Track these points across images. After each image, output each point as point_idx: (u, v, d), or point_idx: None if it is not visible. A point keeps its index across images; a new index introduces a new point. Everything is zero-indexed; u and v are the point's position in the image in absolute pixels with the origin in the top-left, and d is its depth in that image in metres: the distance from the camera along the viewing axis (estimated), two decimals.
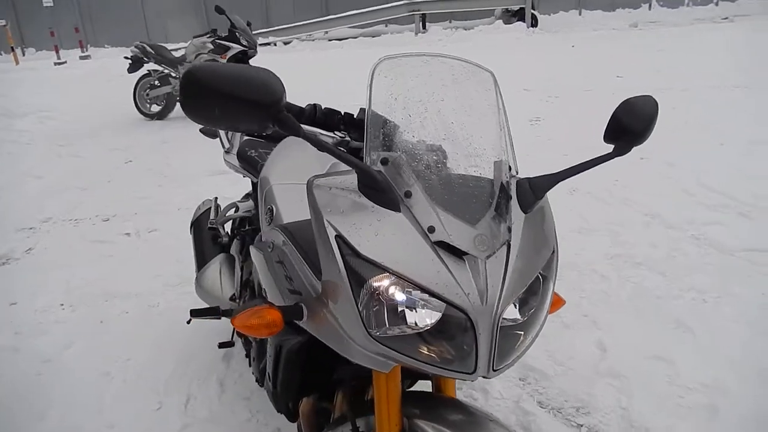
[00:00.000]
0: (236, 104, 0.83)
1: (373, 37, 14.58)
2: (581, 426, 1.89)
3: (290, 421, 1.61)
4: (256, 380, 1.61)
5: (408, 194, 0.95)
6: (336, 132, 1.17)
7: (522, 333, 1.00)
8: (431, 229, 0.93)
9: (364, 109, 1.15)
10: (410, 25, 14.60)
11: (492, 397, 2.04)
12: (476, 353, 0.93)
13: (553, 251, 1.06)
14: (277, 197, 1.36)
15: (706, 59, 8.09)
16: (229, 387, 2.27)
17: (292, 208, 1.31)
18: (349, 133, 1.16)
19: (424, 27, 14.44)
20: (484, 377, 0.96)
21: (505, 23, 13.68)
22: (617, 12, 14.79)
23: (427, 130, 1.00)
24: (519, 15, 13.63)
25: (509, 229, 0.99)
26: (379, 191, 0.94)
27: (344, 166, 1.11)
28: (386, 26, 15.22)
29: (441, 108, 1.01)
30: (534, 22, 13.39)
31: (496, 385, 2.09)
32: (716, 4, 14.66)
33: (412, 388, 1.39)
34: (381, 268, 0.92)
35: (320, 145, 0.92)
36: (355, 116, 1.15)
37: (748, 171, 3.86)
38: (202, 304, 2.20)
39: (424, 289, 0.91)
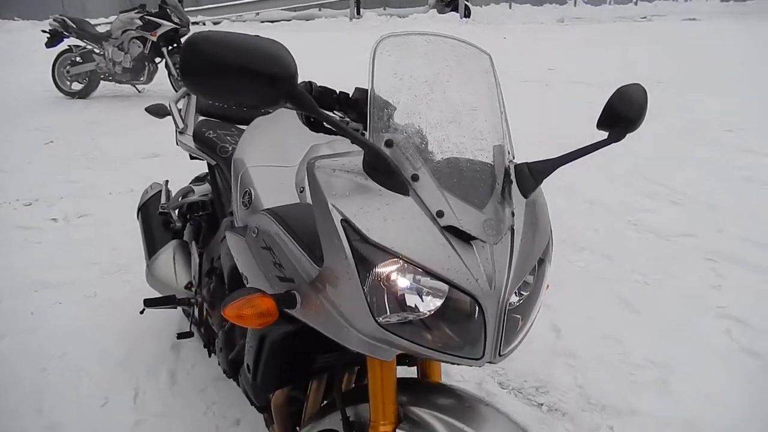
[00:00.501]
0: (246, 78, 0.76)
1: (307, 20, 14.31)
2: (542, 405, 1.94)
3: (260, 412, 1.55)
4: (224, 372, 1.54)
5: (415, 177, 0.91)
6: (335, 111, 1.11)
7: (520, 317, 1.00)
8: (440, 214, 0.90)
9: (359, 88, 1.11)
10: (344, 10, 14.45)
11: (454, 380, 2.06)
12: (484, 338, 0.92)
13: (550, 236, 1.06)
14: (255, 180, 1.29)
15: (631, 54, 8.51)
16: (181, 379, 2.17)
17: (273, 192, 1.25)
18: (346, 113, 1.11)
19: (358, 12, 14.34)
20: (489, 362, 0.95)
21: (439, 12, 13.82)
22: (545, 7, 15.31)
23: (432, 111, 0.97)
24: (452, 5, 13.81)
25: (512, 214, 0.98)
26: (387, 174, 0.90)
27: (327, 149, 1.05)
28: (320, 10, 14.99)
29: (446, 89, 0.98)
30: (467, 13, 13.60)
31: (456, 368, 2.10)
32: (635, 4, 15.49)
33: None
34: (390, 254, 0.88)
35: (335, 125, 0.87)
36: (350, 95, 1.10)
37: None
38: (152, 293, 2.08)
39: (434, 275, 0.89)
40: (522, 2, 15.38)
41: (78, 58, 6.88)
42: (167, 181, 2.21)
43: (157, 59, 6.77)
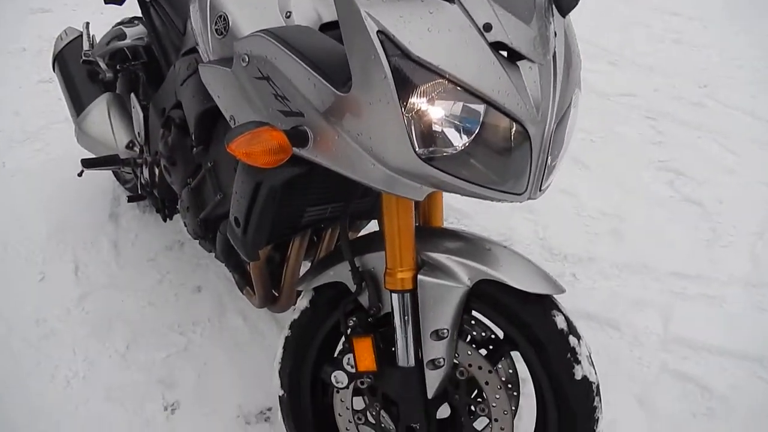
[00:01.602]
0: None
1: None
2: None
3: (233, 271, 1.45)
4: (194, 233, 1.40)
5: None
6: None
7: (557, 150, 0.93)
8: (487, 27, 0.78)
9: None
10: None
11: None
12: (529, 171, 0.85)
13: (580, 64, 0.98)
14: (229, 2, 1.07)
15: None
16: (125, 249, 2.00)
17: (255, 13, 1.04)
18: None
19: None
20: (530, 198, 0.89)
21: None
22: None
23: None
24: None
25: (555, 34, 0.87)
26: None
27: None
28: None
29: None
30: None
31: None
32: None
33: None
34: (436, 73, 0.76)
35: None
36: None
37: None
38: (78, 159, 1.81)
39: (484, 99, 0.78)
40: None
41: None
42: (88, 24, 1.87)
43: None
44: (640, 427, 1.45)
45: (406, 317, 1.01)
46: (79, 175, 1.75)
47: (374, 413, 1.12)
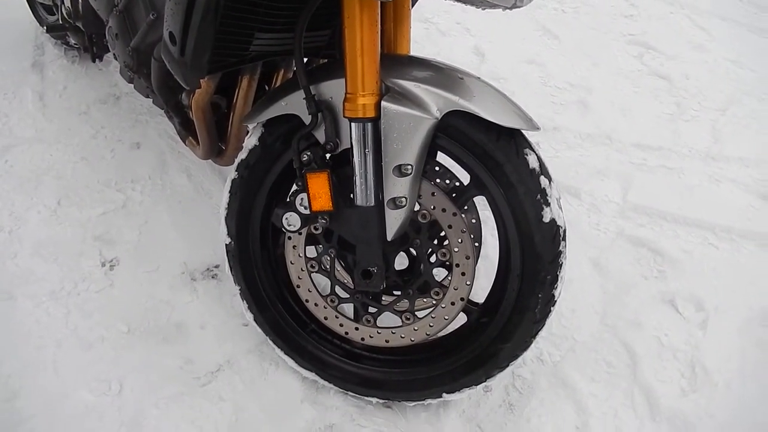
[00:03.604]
0: None
1: None
2: None
3: (173, 119, 1.31)
4: (125, 65, 1.23)
5: None
6: None
7: None
8: None
9: None
10: None
11: None
12: None
13: None
14: None
15: None
16: (52, 101, 1.80)
17: None
18: None
19: None
20: (516, 6, 0.78)
21: None
22: None
23: None
24: None
25: None
26: None
27: None
28: None
29: None
30: None
31: None
32: None
33: None
34: None
35: None
36: None
37: None
38: None
39: None
40: None
41: None
42: None
43: None
44: (593, 288, 1.45)
45: (366, 150, 0.91)
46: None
47: (328, 260, 1.05)
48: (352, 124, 0.90)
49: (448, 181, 1.06)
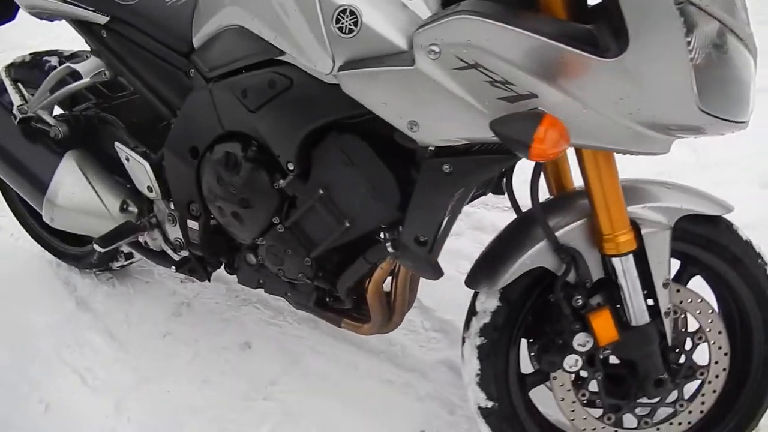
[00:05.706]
0: None
1: None
2: None
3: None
4: (300, 276, 1.20)
5: None
6: None
7: None
8: None
9: None
10: None
11: None
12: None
13: None
14: None
15: None
16: (124, 335, 1.66)
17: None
18: None
19: None
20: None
21: None
22: None
23: None
24: None
25: None
26: None
27: None
28: None
29: None
30: None
31: None
32: None
33: None
34: (715, 18, 0.76)
35: None
36: None
37: None
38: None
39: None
40: None
41: None
42: (9, 68, 1.42)
43: None
44: None
45: (632, 277, 1.01)
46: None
47: (597, 382, 1.11)
48: (616, 260, 1.00)
49: None
